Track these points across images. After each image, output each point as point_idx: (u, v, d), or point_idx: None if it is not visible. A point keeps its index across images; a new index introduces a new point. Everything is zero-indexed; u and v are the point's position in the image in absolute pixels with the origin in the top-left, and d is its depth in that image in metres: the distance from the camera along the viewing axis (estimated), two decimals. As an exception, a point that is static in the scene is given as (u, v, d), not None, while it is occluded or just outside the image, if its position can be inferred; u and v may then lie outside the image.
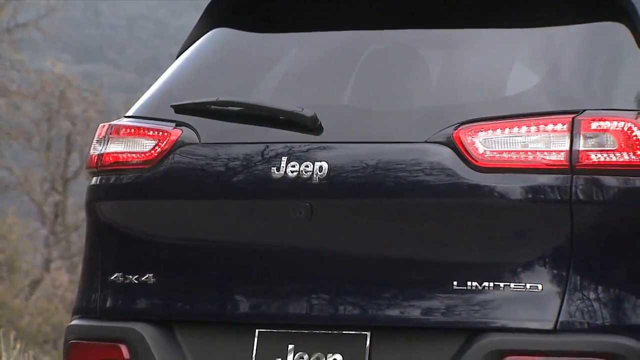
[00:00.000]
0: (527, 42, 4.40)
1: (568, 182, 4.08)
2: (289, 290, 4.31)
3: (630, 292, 4.07)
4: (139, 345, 4.44)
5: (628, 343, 4.03)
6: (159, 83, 4.75)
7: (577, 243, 4.07)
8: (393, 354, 4.19)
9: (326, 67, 4.58)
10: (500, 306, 4.09)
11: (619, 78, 4.24)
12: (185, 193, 4.48)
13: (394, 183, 4.21)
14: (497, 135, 4.15)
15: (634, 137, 4.10)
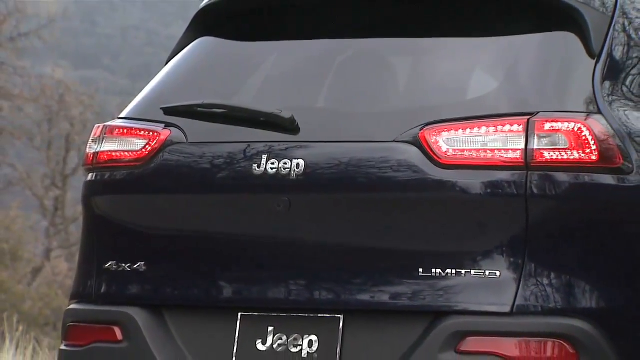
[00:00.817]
0: (486, 50, 4.40)
1: (523, 178, 4.08)
2: (269, 277, 4.30)
3: (580, 279, 4.07)
4: (131, 327, 4.43)
5: (578, 325, 4.03)
6: (149, 87, 4.74)
7: (531, 234, 4.07)
8: (364, 335, 4.19)
9: (303, 73, 4.58)
10: (462, 291, 4.09)
11: (570, 83, 4.24)
12: (174, 188, 4.47)
13: (365, 179, 4.21)
14: (459, 135, 4.15)
15: (583, 137, 4.10)
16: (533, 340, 4.03)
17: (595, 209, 4.11)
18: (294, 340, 4.26)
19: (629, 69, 4.33)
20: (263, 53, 4.72)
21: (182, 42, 4.79)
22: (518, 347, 4.03)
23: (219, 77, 4.65)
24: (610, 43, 4.30)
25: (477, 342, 4.05)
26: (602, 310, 4.06)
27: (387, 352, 4.14)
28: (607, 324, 4.05)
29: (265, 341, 4.29)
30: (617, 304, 4.08)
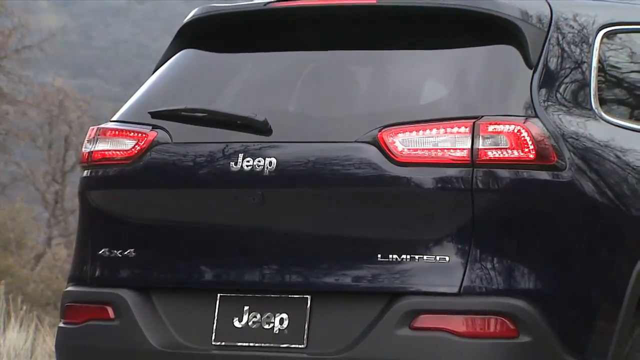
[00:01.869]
0: (437, 61, 4.40)
1: (470, 174, 4.09)
2: (245, 262, 4.29)
3: (520, 263, 4.08)
4: (122, 307, 4.41)
5: (518, 304, 4.04)
6: (138, 94, 4.72)
7: (477, 223, 4.08)
8: (329, 313, 4.18)
9: (275, 81, 4.57)
10: (415, 274, 4.09)
11: (511, 90, 4.24)
12: (160, 183, 4.46)
13: (330, 175, 4.21)
14: (413, 136, 4.15)
15: (522, 138, 4.11)
16: (478, 317, 4.03)
17: (533, 202, 4.12)
18: (266, 318, 4.25)
19: (562, 78, 4.34)
20: (239, 63, 4.71)
21: (167, 53, 4.78)
22: (464, 324, 4.04)
23: (201, 85, 4.64)
24: (546, 55, 4.31)
25: (429, 319, 4.06)
26: (538, 291, 4.07)
27: (349, 328, 4.14)
28: (542, 302, 4.06)
29: (241, 319, 4.28)
30: (552, 285, 4.09)
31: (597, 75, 4.42)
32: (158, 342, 4.34)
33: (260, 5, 4.62)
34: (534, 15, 4.35)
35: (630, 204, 4.28)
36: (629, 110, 4.60)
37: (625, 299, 4.19)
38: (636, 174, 4.34)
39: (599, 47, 4.47)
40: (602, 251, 4.20)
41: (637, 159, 4.37)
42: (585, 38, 4.44)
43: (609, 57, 4.54)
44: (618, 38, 4.61)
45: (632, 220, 4.28)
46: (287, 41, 4.62)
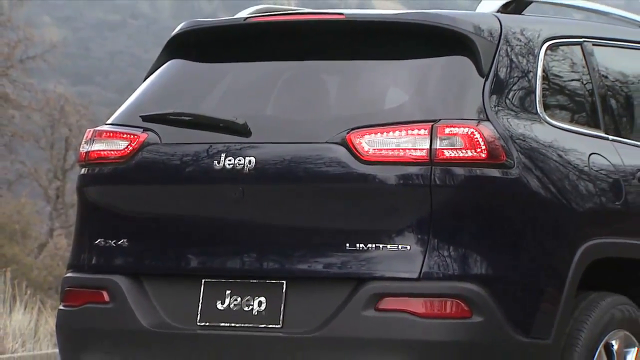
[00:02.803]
0: (400, 69, 4.40)
1: (428, 172, 4.09)
2: (227, 250, 4.28)
3: (473, 251, 4.08)
4: (116, 291, 4.40)
5: (471, 287, 4.04)
6: (130, 99, 4.71)
7: (435, 215, 4.08)
8: (302, 296, 4.18)
9: (254, 88, 4.56)
10: (380, 262, 4.09)
11: (465, 96, 4.24)
12: (151, 180, 4.44)
13: (303, 172, 4.20)
14: (377, 137, 4.15)
15: (475, 139, 4.11)
16: (435, 300, 4.03)
17: (485, 196, 4.12)
18: (246, 301, 4.24)
19: (511, 85, 4.35)
20: (222, 72, 4.70)
21: (156, 63, 4.76)
22: (424, 306, 4.04)
23: (187, 91, 4.63)
24: (496, 65, 4.31)
25: (392, 301, 4.06)
26: (490, 276, 4.07)
27: (321, 309, 4.13)
28: (493, 286, 4.06)
29: (223, 302, 4.27)
30: (502, 271, 4.10)
31: (541, 83, 4.43)
32: (148, 322, 4.32)
33: (240, 20, 4.62)
34: (485, 30, 4.36)
35: (571, 199, 4.30)
36: (570, 115, 4.61)
37: (567, 283, 4.20)
38: (576, 172, 4.36)
39: (543, 58, 4.48)
40: (546, 240, 4.21)
41: (577, 158, 4.39)
42: (531, 50, 4.45)
43: (552, 67, 4.55)
44: (560, 50, 4.62)
45: (573, 213, 4.29)
46: (265, 52, 4.61)
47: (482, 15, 4.48)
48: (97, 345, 4.41)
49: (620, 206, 4.47)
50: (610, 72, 4.83)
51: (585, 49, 4.71)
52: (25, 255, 23.07)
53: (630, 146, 4.68)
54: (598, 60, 4.74)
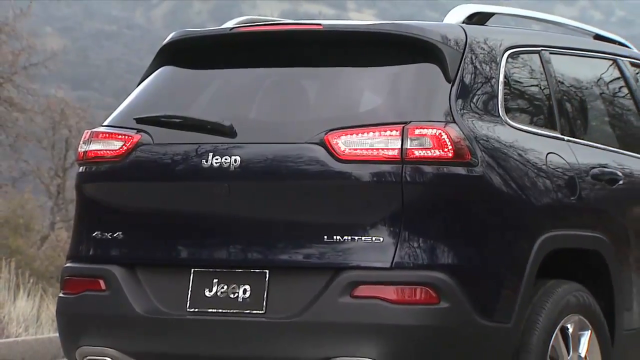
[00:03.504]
0: (374, 75, 4.39)
1: (400, 170, 4.08)
2: (214, 242, 4.27)
3: (441, 242, 4.08)
4: (112, 280, 4.38)
5: (439, 276, 4.04)
6: (125, 103, 4.69)
7: (406, 210, 4.07)
8: (284, 284, 4.17)
9: (239, 92, 4.55)
10: (355, 252, 4.08)
11: (433, 100, 4.24)
12: (144, 177, 4.42)
13: (285, 170, 4.19)
14: (353, 138, 4.14)
15: (442, 139, 4.11)
16: (406, 287, 4.03)
17: (452, 192, 4.12)
18: (232, 289, 4.23)
19: (475, 90, 4.35)
20: (209, 77, 4.69)
21: (149, 69, 4.74)
22: (395, 293, 4.03)
23: (177, 95, 4.61)
24: (462, 72, 4.31)
25: (366, 289, 4.05)
26: (456, 265, 4.07)
27: (300, 297, 4.12)
28: (459, 275, 4.06)
29: (211, 289, 4.25)
30: (467, 261, 4.10)
31: (503, 88, 4.43)
32: (142, 309, 4.31)
33: (226, 29, 4.61)
34: (452, 39, 4.36)
35: (530, 194, 4.30)
36: (529, 117, 4.62)
37: (526, 272, 4.21)
38: (535, 169, 4.36)
39: (504, 65, 4.48)
40: (508, 232, 4.21)
41: (535, 157, 4.39)
42: (493, 58, 4.46)
43: (513, 74, 4.56)
44: (520, 58, 4.63)
45: (532, 207, 4.30)
46: (249, 59, 4.60)
47: (448, 26, 4.47)
48: (94, 329, 4.39)
49: (575, 201, 4.48)
50: (566, 78, 4.84)
51: (543, 57, 4.72)
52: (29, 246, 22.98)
53: (583, 146, 4.69)
54: (555, 67, 4.75)
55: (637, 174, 4.91)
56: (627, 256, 4.68)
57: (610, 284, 4.58)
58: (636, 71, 5.30)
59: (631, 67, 5.26)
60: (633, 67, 5.28)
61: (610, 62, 5.18)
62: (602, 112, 5.09)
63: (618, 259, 4.61)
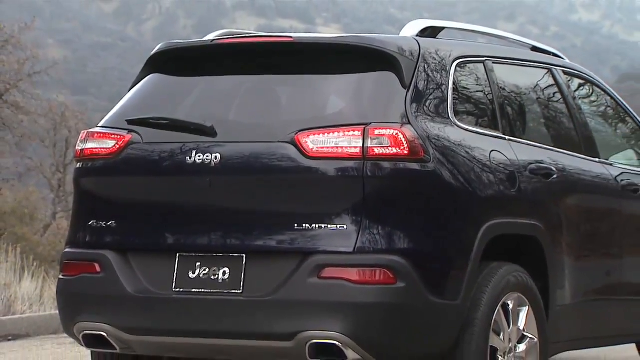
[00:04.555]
0: (339, 82, 4.37)
1: (362, 166, 4.07)
2: (197, 230, 4.24)
3: (398, 230, 4.07)
4: (106, 263, 4.34)
5: (396, 259, 4.04)
6: (117, 106, 4.65)
7: (367, 201, 4.06)
8: (259, 267, 4.15)
9: (220, 97, 4.52)
10: (322, 239, 4.07)
11: (391, 104, 4.23)
12: (134, 172, 4.39)
13: (260, 166, 4.17)
14: (320, 137, 4.13)
15: (399, 139, 4.11)
16: (367, 269, 4.02)
17: (407, 185, 4.11)
18: (213, 271, 4.20)
19: (427, 95, 4.34)
20: (193, 84, 4.65)
21: (139, 77, 4.71)
22: (357, 274, 4.02)
23: (164, 100, 4.58)
24: (416, 79, 4.31)
25: (332, 271, 4.04)
26: (411, 250, 4.07)
27: (274, 278, 4.10)
28: (414, 258, 4.06)
29: (194, 272, 4.23)
30: (420, 246, 4.09)
31: (452, 93, 4.43)
32: (132, 289, 4.27)
33: (208, 41, 4.58)
34: (407, 50, 4.35)
35: (476, 187, 4.31)
36: (475, 119, 4.62)
37: (472, 256, 4.21)
38: (480, 165, 4.36)
39: (453, 73, 4.48)
40: (456, 221, 4.21)
41: (480, 154, 4.40)
42: (444, 67, 4.45)
43: (461, 81, 4.56)
44: (467, 67, 4.63)
45: (477, 198, 4.30)
46: (228, 68, 4.58)
47: (404, 38, 4.47)
48: (90, 307, 4.36)
49: (515, 193, 4.49)
50: (507, 85, 4.85)
51: (487, 66, 4.72)
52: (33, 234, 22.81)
53: (522, 144, 4.70)
54: (497, 75, 4.76)
55: (569, 169, 4.93)
56: (560, 241, 4.70)
57: (546, 265, 4.59)
58: (568, 79, 5.33)
59: (564, 75, 5.28)
60: (565, 75, 5.30)
61: (545, 71, 5.20)
62: (539, 114, 5.11)
63: (552, 244, 4.62)
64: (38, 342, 8.04)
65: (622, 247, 5.18)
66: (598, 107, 5.62)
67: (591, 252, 4.96)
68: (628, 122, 5.74)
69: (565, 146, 5.03)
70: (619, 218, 5.19)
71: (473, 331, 4.18)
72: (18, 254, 10.29)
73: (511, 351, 4.40)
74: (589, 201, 5.02)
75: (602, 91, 5.61)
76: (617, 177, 5.27)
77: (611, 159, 5.38)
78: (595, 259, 5.01)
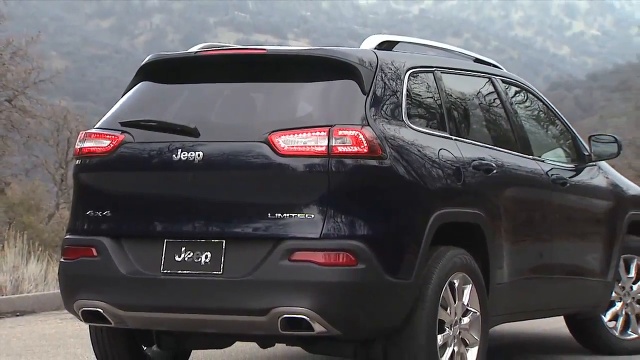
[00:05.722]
0: (307, 89, 4.36)
1: (327, 162, 4.06)
2: (183, 219, 4.21)
3: (359, 218, 4.06)
4: (102, 248, 4.30)
5: (357, 244, 4.03)
6: (112, 110, 4.61)
7: (331, 193, 4.05)
8: (237, 251, 4.12)
9: (202, 102, 4.48)
10: (293, 226, 4.05)
11: (353, 108, 4.22)
12: (127, 168, 4.35)
13: (237, 162, 4.14)
14: (291, 137, 4.11)
15: (359, 138, 4.09)
16: (332, 253, 4.01)
17: (367, 179, 4.10)
18: (196, 255, 4.17)
19: (384, 101, 4.34)
20: (178, 91, 4.61)
21: (130, 84, 4.66)
22: (323, 257, 4.01)
23: (153, 104, 4.54)
24: (374, 86, 4.30)
25: (301, 254, 4.02)
26: (370, 236, 4.06)
27: (250, 260, 4.08)
28: (372, 243, 4.05)
29: (180, 255, 4.19)
30: (378, 232, 4.09)
31: (406, 99, 4.43)
32: (125, 270, 4.24)
33: (192, 53, 4.56)
34: (367, 61, 4.34)
35: (426, 181, 4.31)
36: (425, 122, 4.62)
37: (423, 241, 4.21)
38: (430, 162, 4.37)
39: (407, 81, 4.48)
40: (409, 210, 4.21)
41: (430, 152, 4.40)
42: (398, 76, 4.45)
43: (413, 88, 4.56)
44: (419, 76, 4.63)
45: (427, 191, 4.31)
46: (210, 76, 4.54)
47: (364, 51, 4.46)
48: (88, 286, 4.31)
49: (460, 186, 4.50)
50: (453, 92, 4.86)
51: (436, 75, 4.73)
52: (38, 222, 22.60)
53: (466, 143, 4.71)
54: (445, 83, 4.77)
55: (507, 165, 4.95)
56: (499, 228, 4.72)
57: (486, 249, 4.61)
58: (506, 87, 5.35)
59: (502, 84, 5.31)
60: (504, 83, 5.33)
61: (486, 80, 5.22)
62: (481, 117, 5.12)
63: (492, 230, 4.64)
64: (43, 318, 7.99)
65: (552, 232, 5.21)
66: (532, 111, 5.65)
67: (525, 237, 4.99)
68: (557, 124, 5.78)
69: (503, 145, 5.05)
70: (550, 207, 5.22)
71: (424, 306, 4.19)
72: (25, 239, 10.19)
73: (457, 323, 4.41)
74: (524, 193, 5.04)
75: (535, 97, 5.64)
76: (547, 172, 5.30)
77: (543, 156, 5.41)
78: (529, 243, 5.03)
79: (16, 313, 8.20)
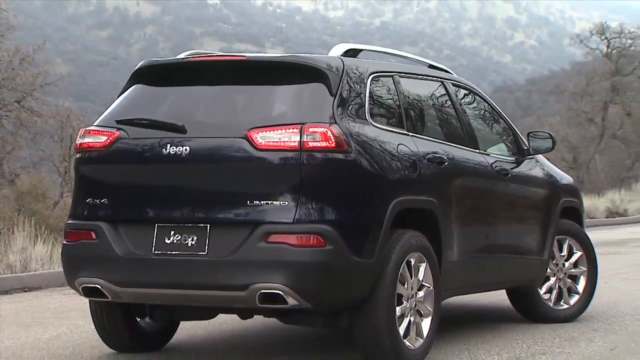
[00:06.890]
0: (282, 91, 4.33)
1: (299, 156, 4.04)
2: (172, 206, 4.17)
3: (327, 205, 4.05)
4: (100, 232, 4.25)
5: (325, 227, 4.01)
6: (108, 110, 4.56)
7: (303, 183, 4.03)
8: (220, 235, 4.09)
9: (190, 102, 4.44)
10: (269, 212, 4.03)
11: (322, 108, 4.19)
12: (122, 161, 4.30)
13: (219, 155, 4.11)
14: (267, 134, 4.08)
15: (328, 135, 4.08)
16: (303, 235, 3.99)
17: (334, 171, 4.09)
18: (183, 238, 4.14)
19: (350, 101, 4.32)
20: (168, 93, 4.57)
21: (125, 87, 4.62)
22: (296, 239, 3.99)
23: (145, 105, 4.49)
24: (341, 89, 4.28)
25: (276, 237, 4.00)
26: (337, 220, 4.04)
27: (231, 243, 4.06)
28: (339, 227, 4.04)
29: (169, 238, 4.16)
30: (344, 217, 4.08)
31: (369, 100, 4.42)
32: (121, 251, 4.19)
33: (180, 59, 4.52)
34: (334, 67, 4.33)
35: (387, 172, 4.31)
36: (386, 120, 4.62)
37: (384, 224, 4.21)
38: (390, 155, 4.37)
39: (369, 84, 4.47)
40: (371, 198, 4.21)
41: (390, 147, 4.40)
42: (362, 80, 4.44)
43: (375, 91, 4.55)
44: (380, 80, 4.63)
45: (388, 181, 4.30)
46: (197, 79, 4.50)
47: (332, 57, 4.44)
48: (88, 266, 4.27)
49: (416, 176, 4.50)
50: (410, 94, 4.85)
51: (395, 79, 4.72)
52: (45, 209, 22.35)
53: (422, 139, 4.72)
54: (403, 86, 4.76)
55: (457, 158, 4.96)
56: (450, 213, 4.73)
57: (439, 231, 4.62)
58: (456, 89, 5.36)
59: (453, 87, 5.32)
60: (454, 86, 5.34)
61: (439, 83, 5.22)
62: (434, 117, 5.13)
63: (444, 215, 4.65)
64: (48, 293, 7.91)
65: (496, 217, 5.24)
66: (478, 111, 5.67)
67: (473, 221, 5.01)
68: (501, 123, 5.81)
69: (454, 141, 5.07)
70: (494, 195, 5.25)
71: (384, 282, 4.19)
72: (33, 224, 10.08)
73: (413, 297, 4.42)
74: (472, 182, 5.06)
75: (481, 99, 5.66)
76: (492, 164, 5.33)
77: (488, 151, 5.44)
78: (476, 226, 5.05)
79: (24, 289, 8.12)
